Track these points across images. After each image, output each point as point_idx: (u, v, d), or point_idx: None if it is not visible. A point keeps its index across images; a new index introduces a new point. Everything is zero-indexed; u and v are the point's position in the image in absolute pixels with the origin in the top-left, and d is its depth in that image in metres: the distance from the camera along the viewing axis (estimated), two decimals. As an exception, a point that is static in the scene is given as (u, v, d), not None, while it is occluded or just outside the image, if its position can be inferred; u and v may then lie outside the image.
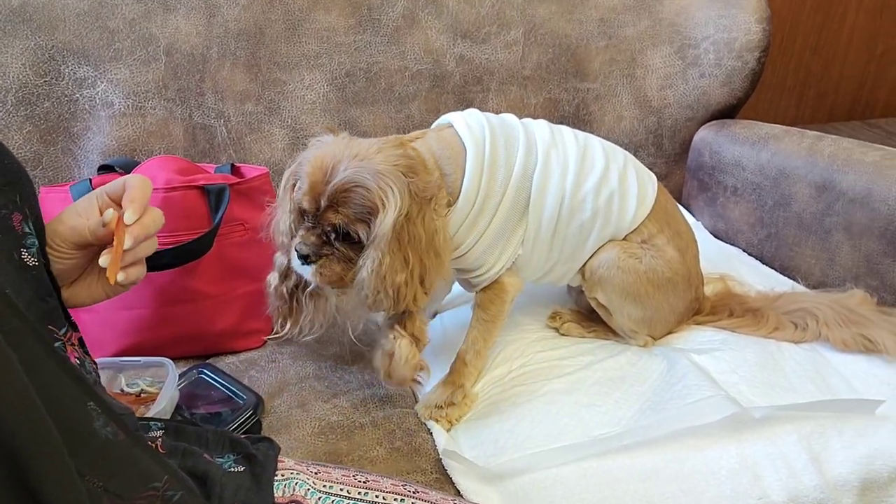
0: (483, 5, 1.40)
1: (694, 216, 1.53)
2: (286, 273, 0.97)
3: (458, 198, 0.94)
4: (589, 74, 1.47)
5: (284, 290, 0.98)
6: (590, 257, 1.04)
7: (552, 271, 1.07)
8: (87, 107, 1.20)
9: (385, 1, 1.34)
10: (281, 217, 0.94)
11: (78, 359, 0.65)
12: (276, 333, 1.02)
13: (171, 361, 0.97)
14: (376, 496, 0.72)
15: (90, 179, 1.04)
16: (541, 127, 1.03)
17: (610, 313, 1.05)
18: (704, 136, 1.50)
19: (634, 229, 1.03)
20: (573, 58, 1.45)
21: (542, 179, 0.98)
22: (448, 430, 0.97)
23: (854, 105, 2.09)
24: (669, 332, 1.11)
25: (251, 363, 1.09)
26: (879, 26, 1.94)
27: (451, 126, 0.99)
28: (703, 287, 1.14)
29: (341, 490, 0.73)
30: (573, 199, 0.99)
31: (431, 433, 0.96)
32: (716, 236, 1.48)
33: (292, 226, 0.92)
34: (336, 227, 0.86)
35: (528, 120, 1.04)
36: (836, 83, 1.99)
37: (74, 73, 1.18)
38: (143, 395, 0.95)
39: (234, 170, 1.15)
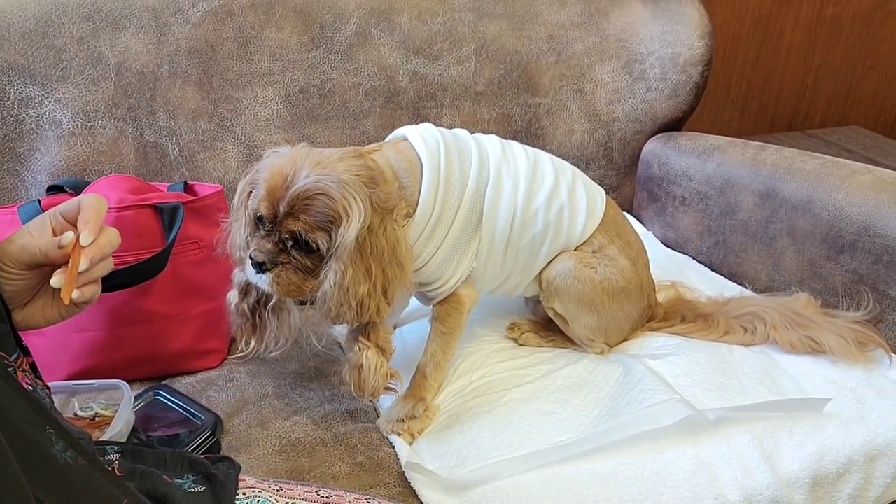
0: (435, 23, 1.41)
1: (645, 226, 1.57)
2: (246, 290, 0.95)
3: (415, 210, 0.94)
4: (540, 90, 1.50)
5: (246, 307, 0.95)
6: (546, 268, 1.05)
7: (506, 282, 1.08)
8: (34, 126, 1.17)
9: (338, 18, 1.35)
10: (236, 230, 0.92)
11: (29, 384, 0.64)
12: (240, 353, 0.98)
13: (126, 384, 0.95)
14: (340, 509, 0.72)
15: (39, 200, 1.02)
16: (492, 142, 1.05)
17: (567, 322, 1.07)
18: (652, 148, 1.54)
19: (585, 241, 1.06)
20: (524, 73, 1.48)
21: (495, 193, 0.99)
22: (410, 443, 0.97)
23: (794, 116, 2.17)
24: (625, 339, 1.14)
25: (209, 383, 1.07)
26: (815, 41, 2.03)
27: (406, 139, 1.00)
28: (655, 294, 1.17)
29: (304, 506, 0.72)
30: (525, 213, 1.01)
31: (394, 447, 0.97)
32: (666, 245, 1.52)
33: (248, 238, 0.90)
34: (295, 234, 0.84)
35: (479, 135, 1.06)
36: (776, 95, 2.07)
37: (20, 92, 1.16)
38: (97, 418, 0.93)
39: (188, 188, 1.14)
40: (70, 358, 1.03)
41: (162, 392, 1.02)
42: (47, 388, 0.66)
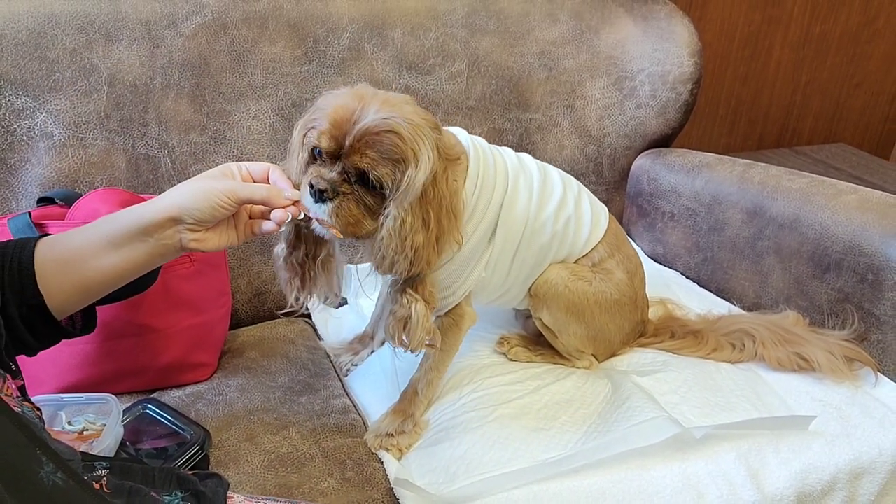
0: (427, 38, 1.42)
1: (634, 241, 1.58)
2: (294, 243, 0.91)
3: None
4: (531, 105, 1.51)
5: (294, 260, 0.91)
6: (536, 278, 1.06)
7: (507, 293, 1.08)
8: (25, 138, 1.17)
9: (331, 33, 1.35)
10: (291, 166, 0.88)
11: (16, 408, 0.64)
12: (290, 308, 0.94)
13: (114, 398, 0.95)
14: (327, 529, 0.72)
15: (29, 212, 1.02)
16: (508, 152, 1.05)
17: (555, 334, 1.08)
18: (642, 164, 1.55)
19: (586, 253, 1.06)
20: (516, 89, 1.49)
21: (510, 203, 0.99)
22: (399, 459, 0.97)
23: (782, 133, 2.20)
24: (614, 354, 1.15)
25: (198, 396, 1.07)
26: (803, 58, 2.05)
27: (454, 135, 0.97)
28: (648, 310, 1.18)
29: (293, 523, 0.72)
30: (535, 223, 1.01)
31: (382, 462, 0.97)
32: (655, 260, 1.53)
33: (304, 169, 0.85)
34: (361, 170, 0.79)
35: (494, 145, 1.05)
36: (765, 112, 2.09)
37: (12, 103, 1.16)
38: (85, 432, 0.93)
39: (180, 201, 1.14)
40: (60, 370, 1.02)
41: (150, 405, 1.01)
42: (37, 409, 0.66)
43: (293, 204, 0.80)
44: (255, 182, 0.82)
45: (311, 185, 0.80)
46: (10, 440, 0.52)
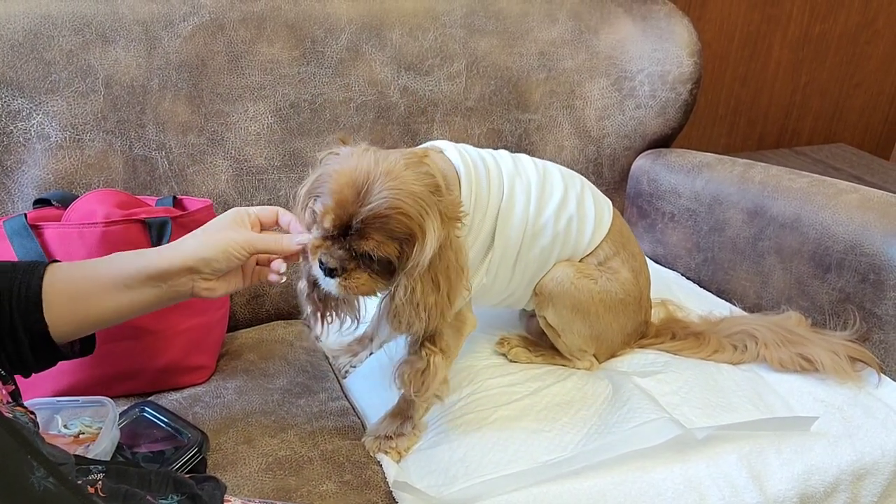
0: (426, 39, 1.42)
1: (634, 242, 1.57)
2: (315, 281, 0.90)
3: None
4: (530, 106, 1.50)
5: (316, 296, 0.93)
6: (543, 276, 1.05)
7: (512, 296, 1.08)
8: (21, 139, 1.16)
9: (329, 34, 1.35)
10: (298, 214, 0.89)
11: (7, 414, 0.63)
12: (316, 337, 1.02)
13: (111, 401, 0.94)
14: (326, 532, 0.72)
15: (25, 214, 1.01)
16: (503, 157, 1.04)
17: (558, 333, 1.07)
18: (642, 164, 1.55)
19: (591, 252, 1.06)
20: (515, 89, 1.49)
21: (508, 209, 0.99)
22: (397, 462, 0.96)
23: (782, 133, 2.19)
24: (614, 355, 1.14)
25: (195, 399, 1.06)
26: (802, 59, 2.05)
27: (443, 152, 0.97)
28: (651, 311, 1.17)
29: (290, 527, 0.71)
30: (535, 226, 1.01)
31: (381, 465, 0.96)
32: (655, 261, 1.52)
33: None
34: (368, 252, 0.81)
35: (489, 150, 1.05)
36: (764, 112, 2.09)
37: (8, 105, 1.15)
38: (81, 436, 0.92)
39: (177, 202, 1.13)
40: (56, 373, 1.01)
41: (148, 408, 1.00)
42: (31, 413, 0.65)
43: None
44: (261, 224, 0.86)
45: (321, 262, 0.83)
46: (0, 446, 0.51)
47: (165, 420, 0.99)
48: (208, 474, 0.82)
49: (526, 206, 1.00)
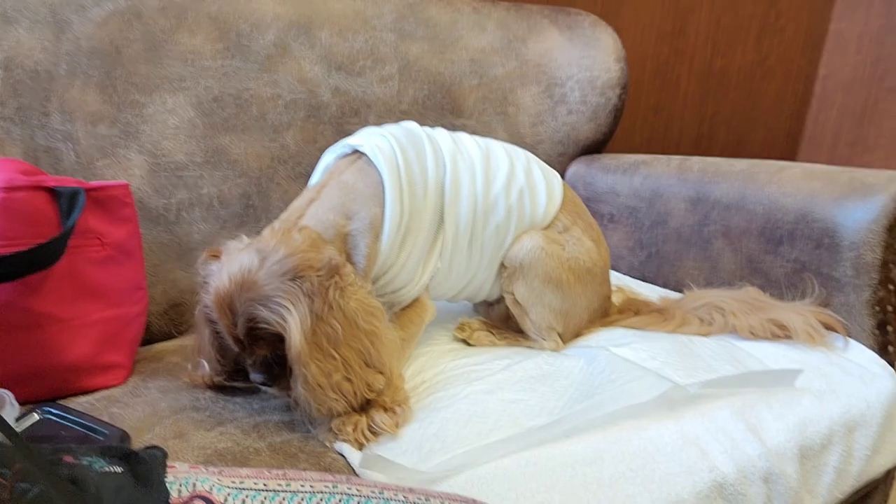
0: (356, 40, 1.37)
1: (575, 250, 1.53)
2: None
3: (382, 228, 0.90)
4: (464, 111, 1.47)
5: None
6: (510, 247, 1.00)
7: (473, 281, 1.03)
8: None
9: (255, 28, 1.28)
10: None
11: None
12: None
13: (8, 392, 0.77)
14: (301, 486, 0.59)
15: None
16: (441, 134, 1.01)
17: (526, 311, 1.00)
18: (577, 170, 1.53)
19: (550, 224, 1.01)
20: (448, 95, 1.46)
21: (454, 186, 0.95)
22: (360, 450, 0.83)
23: (691, 167, 2.26)
24: (579, 334, 1.07)
25: (111, 401, 0.90)
26: (708, 91, 2.15)
27: (360, 154, 0.95)
28: (611, 287, 1.12)
29: (255, 484, 0.58)
30: (486, 202, 0.97)
31: (343, 455, 0.83)
32: (599, 266, 1.48)
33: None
34: (266, 360, 0.83)
35: (426, 128, 1.02)
36: (676, 142, 2.15)
37: None
38: (-31, 433, 0.74)
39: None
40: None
41: (52, 409, 0.83)
42: None
43: None
44: None
45: (253, 380, 0.86)
46: None
47: (76, 420, 0.82)
48: (148, 445, 0.67)
49: (472, 182, 0.97)
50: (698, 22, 2.04)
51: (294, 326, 0.77)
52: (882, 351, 1.07)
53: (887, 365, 1.03)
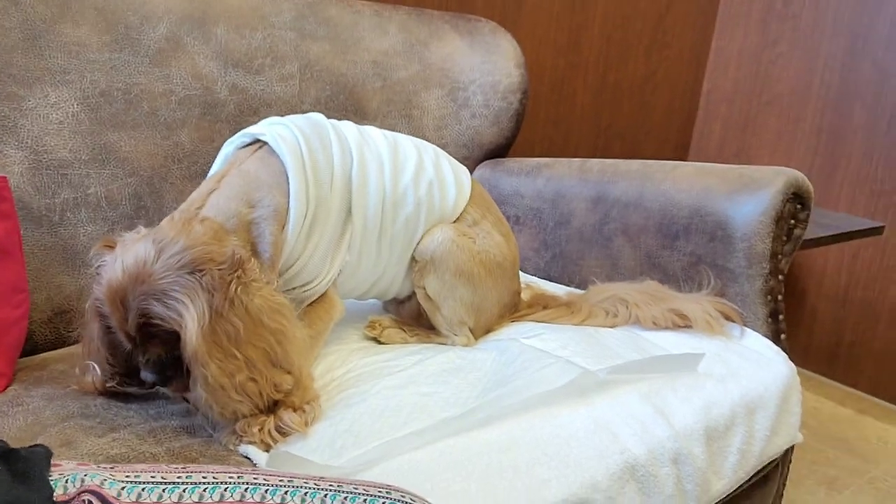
0: (254, 37, 1.33)
1: (480, 253, 1.54)
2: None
3: (287, 218, 0.86)
4: (369, 113, 1.45)
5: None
6: (420, 241, 0.98)
7: (384, 276, 1.00)
8: None
9: (145, 21, 1.22)
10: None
11: None
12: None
13: None
14: (203, 477, 0.55)
15: None
16: (348, 126, 1.00)
17: (438, 306, 0.98)
18: (482, 173, 1.54)
19: (459, 217, 1.01)
20: (351, 96, 1.43)
21: (361, 178, 0.94)
22: (266, 452, 0.79)
23: (588, 177, 2.33)
24: (490, 330, 1.06)
25: (-15, 412, 0.81)
26: (602, 104, 2.22)
27: (262, 143, 0.91)
28: (520, 283, 1.13)
29: (152, 477, 0.54)
30: (394, 194, 0.96)
31: (248, 457, 0.78)
32: (504, 268, 1.49)
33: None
34: (161, 358, 0.78)
35: (332, 120, 1.00)
36: (573, 154, 2.21)
37: None
38: None
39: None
40: None
41: (-86, 423, 0.75)
42: None
43: None
44: None
45: (144, 379, 0.80)
46: None
47: (-58, 433, 0.74)
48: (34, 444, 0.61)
49: (380, 174, 0.95)
50: (591, 37, 2.12)
51: (190, 323, 0.73)
52: (775, 338, 1.13)
53: (780, 351, 1.08)
